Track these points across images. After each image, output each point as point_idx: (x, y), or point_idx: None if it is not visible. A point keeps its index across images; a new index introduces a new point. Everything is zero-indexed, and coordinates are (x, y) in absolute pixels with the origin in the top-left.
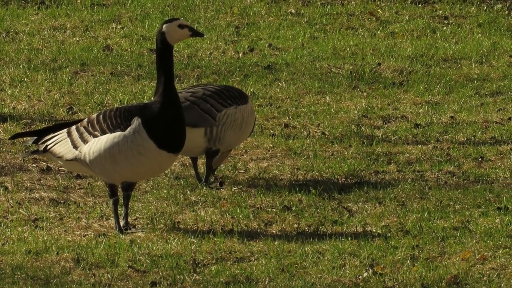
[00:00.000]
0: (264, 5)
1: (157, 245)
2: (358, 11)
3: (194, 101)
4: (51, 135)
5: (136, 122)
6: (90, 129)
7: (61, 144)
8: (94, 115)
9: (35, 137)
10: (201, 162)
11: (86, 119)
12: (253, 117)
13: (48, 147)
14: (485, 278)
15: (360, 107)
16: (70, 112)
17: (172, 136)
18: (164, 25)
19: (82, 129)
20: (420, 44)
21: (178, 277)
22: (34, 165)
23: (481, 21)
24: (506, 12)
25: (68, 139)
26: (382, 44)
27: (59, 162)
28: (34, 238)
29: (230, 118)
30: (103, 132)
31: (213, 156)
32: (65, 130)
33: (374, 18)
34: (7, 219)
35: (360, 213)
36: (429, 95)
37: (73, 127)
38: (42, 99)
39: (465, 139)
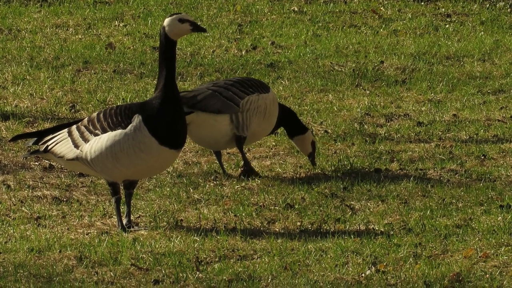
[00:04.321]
0: (267, 3)
1: (160, 243)
2: (361, 9)
3: (216, 90)
4: (52, 135)
5: (137, 119)
6: (91, 128)
7: (62, 144)
8: (95, 114)
9: (36, 138)
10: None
11: (86, 118)
12: (275, 107)
13: (49, 147)
14: (487, 275)
15: (363, 105)
16: (73, 110)
17: (174, 132)
18: (165, 19)
19: (82, 128)
20: (423, 42)
21: (181, 275)
22: (36, 163)
23: (484, 18)
24: (509, 10)
25: (69, 138)
26: (385, 42)
27: (60, 162)
28: (37, 236)
29: (254, 104)
30: (104, 131)
31: (243, 142)
32: (66, 130)
33: (377, 16)
34: (9, 217)
35: (363, 211)
36: (431, 93)
37: (74, 126)
38: (45, 97)
39: (468, 137)
